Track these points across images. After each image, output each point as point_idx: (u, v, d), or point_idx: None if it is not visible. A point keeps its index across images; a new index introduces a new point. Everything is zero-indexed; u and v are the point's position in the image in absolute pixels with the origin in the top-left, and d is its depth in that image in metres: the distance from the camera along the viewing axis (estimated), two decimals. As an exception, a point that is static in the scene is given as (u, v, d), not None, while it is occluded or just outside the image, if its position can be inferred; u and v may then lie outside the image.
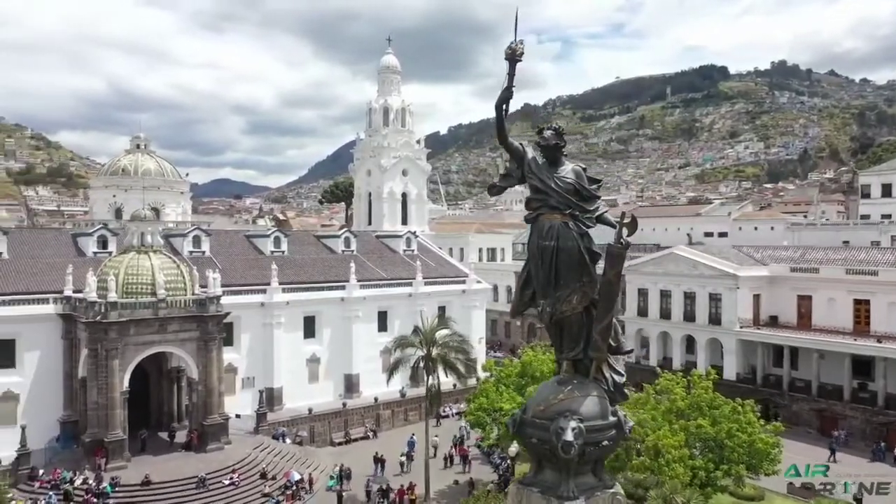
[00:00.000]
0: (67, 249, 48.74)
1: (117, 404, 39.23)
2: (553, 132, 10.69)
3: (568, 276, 10.58)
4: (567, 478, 9.99)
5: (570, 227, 10.54)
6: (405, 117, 74.47)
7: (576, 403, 10.51)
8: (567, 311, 10.73)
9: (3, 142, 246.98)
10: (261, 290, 50.78)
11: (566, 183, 10.59)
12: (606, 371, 10.97)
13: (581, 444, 9.89)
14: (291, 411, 50.63)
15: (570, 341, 11.06)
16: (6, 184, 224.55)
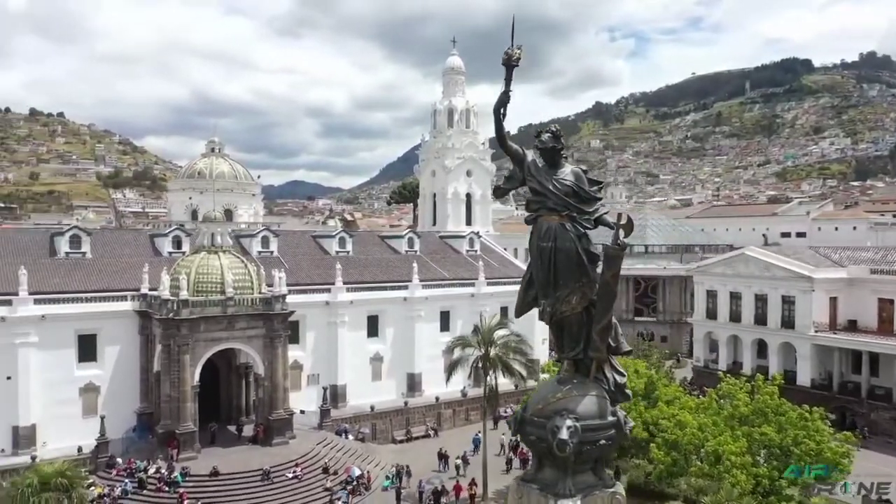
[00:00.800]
0: (145, 249, 51.18)
1: (188, 398, 40.98)
2: (550, 135, 10.82)
3: (566, 277, 10.64)
4: (565, 476, 10.08)
5: (567, 228, 10.60)
6: (469, 118, 74.73)
7: (573, 402, 10.57)
8: (566, 312, 10.81)
9: (94, 147, 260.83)
10: (325, 290, 51.98)
11: (564, 185, 10.67)
12: (608, 371, 11.03)
13: (577, 442, 9.94)
14: (354, 408, 51.65)
15: (570, 341, 11.14)
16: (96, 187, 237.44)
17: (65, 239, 47.61)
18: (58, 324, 42.06)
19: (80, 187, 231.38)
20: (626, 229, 9.94)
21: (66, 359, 42.55)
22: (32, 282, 41.89)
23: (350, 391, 52.57)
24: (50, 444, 40.99)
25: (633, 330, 74.69)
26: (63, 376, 42.25)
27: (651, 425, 35.18)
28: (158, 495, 37.29)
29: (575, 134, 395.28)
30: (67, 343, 42.65)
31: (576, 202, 10.68)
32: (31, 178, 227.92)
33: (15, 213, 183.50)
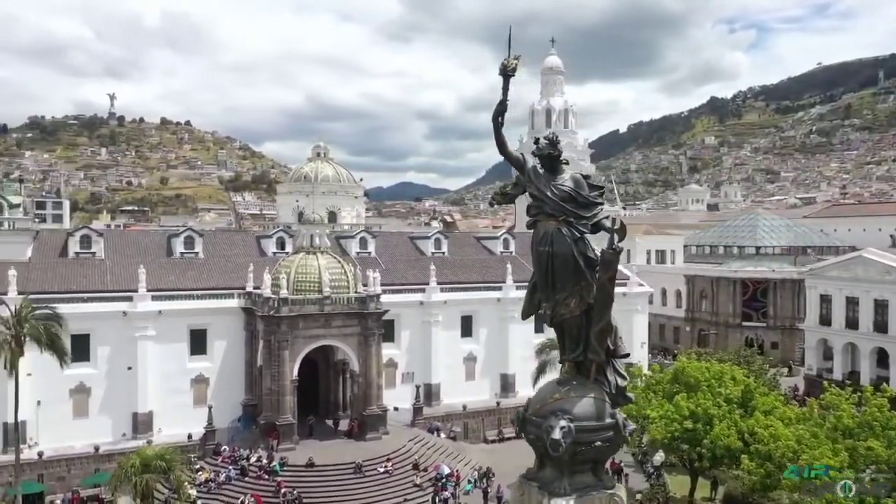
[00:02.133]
0: (252, 250, 54.14)
1: (287, 391, 43.05)
2: (547, 142, 10.83)
3: (564, 280, 10.76)
4: (562, 475, 10.13)
5: (563, 232, 10.69)
6: (568, 118, 74.07)
7: (569, 404, 10.65)
8: (565, 314, 10.96)
9: (217, 153, 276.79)
10: (420, 290, 53.06)
11: (562, 191, 10.79)
12: (611, 374, 11.15)
13: (570, 443, 10.01)
14: (447, 407, 52.42)
15: (570, 343, 11.27)
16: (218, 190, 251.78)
17: (180, 240, 51.17)
18: (172, 319, 45.30)
19: (204, 191, 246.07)
20: (620, 234, 9.94)
21: (179, 352, 45.75)
22: (151, 280, 45.29)
23: (443, 390, 53.39)
24: (164, 431, 44.25)
25: (740, 335, 71.51)
26: (176, 368, 45.45)
27: (747, 435, 33.72)
28: (258, 483, 39.42)
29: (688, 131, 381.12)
30: (181, 337, 45.83)
31: (573, 207, 10.77)
32: (161, 183, 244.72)
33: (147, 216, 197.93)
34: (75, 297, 42.96)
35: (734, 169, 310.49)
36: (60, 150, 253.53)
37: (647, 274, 76.46)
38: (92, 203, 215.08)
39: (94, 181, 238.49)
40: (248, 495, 37.94)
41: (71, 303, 42.03)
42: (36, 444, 41.20)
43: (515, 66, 11.05)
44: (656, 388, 38.65)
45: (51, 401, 41.88)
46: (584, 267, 10.76)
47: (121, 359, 44.09)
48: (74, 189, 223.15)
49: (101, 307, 43.52)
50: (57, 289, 43.31)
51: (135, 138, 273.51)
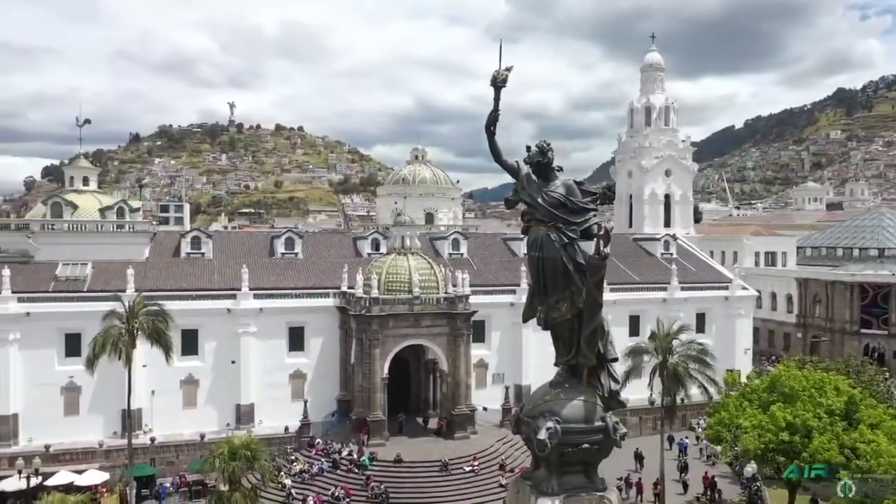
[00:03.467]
0: (348, 251, 56.06)
1: (378, 388, 44.34)
2: (537, 150, 10.97)
3: (554, 285, 11.01)
4: (551, 475, 10.23)
5: (552, 238, 10.87)
6: (669, 115, 71.87)
7: (558, 405, 10.85)
8: (557, 318, 11.19)
9: (327, 156, 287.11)
10: (511, 291, 53.14)
11: (552, 197, 10.94)
12: (605, 378, 11.34)
13: (556, 443, 10.22)
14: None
15: (563, 347, 11.53)
16: (328, 193, 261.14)
17: (281, 241, 53.74)
18: (272, 316, 47.67)
19: (315, 193, 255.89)
20: (604, 240, 9.98)
21: (278, 348, 48.07)
22: (253, 279, 47.85)
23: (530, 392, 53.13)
24: (264, 423, 46.66)
25: (857, 343, 66.93)
26: (276, 363, 47.79)
27: (848, 449, 31.72)
28: (348, 476, 40.86)
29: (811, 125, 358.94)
30: (280, 334, 48.13)
31: (563, 213, 10.92)
32: (275, 186, 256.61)
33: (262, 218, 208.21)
34: (185, 295, 46.04)
35: (863, 165, 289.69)
36: (185, 157, 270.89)
37: (755, 277, 73.19)
38: (213, 206, 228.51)
39: (215, 185, 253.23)
40: (339, 487, 39.43)
41: (181, 300, 45.08)
42: (150, 431, 44.52)
43: (506, 77, 11.41)
44: (751, 397, 37.00)
45: (163, 391, 45.09)
46: (574, 272, 10.92)
47: (225, 353, 46.85)
48: (197, 193, 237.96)
49: (207, 304, 46.43)
50: (169, 287, 46.58)
51: (252, 144, 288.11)
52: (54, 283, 45.28)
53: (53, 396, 43.30)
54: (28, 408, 42.85)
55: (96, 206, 50.74)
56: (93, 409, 43.82)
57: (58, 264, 46.53)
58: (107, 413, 43.64)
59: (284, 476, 40.95)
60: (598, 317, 11.39)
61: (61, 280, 45.64)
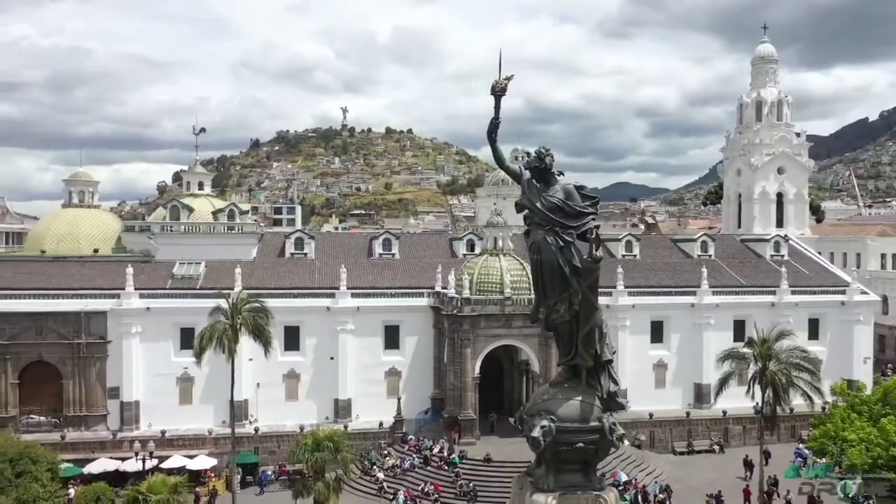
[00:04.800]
0: (444, 251, 56.98)
1: (469, 388, 44.89)
2: (535, 156, 11.50)
3: (552, 287, 11.27)
4: (548, 472, 10.89)
5: (549, 241, 11.14)
6: (782, 110, 68.19)
7: (554, 405, 11.15)
8: (556, 320, 11.45)
9: (436, 158, 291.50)
10: (607, 293, 52.16)
11: (550, 202, 11.17)
12: (604, 379, 11.52)
13: (550, 441, 10.56)
14: (633, 414, 50.84)
15: (563, 348, 11.81)
16: (436, 194, 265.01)
17: (379, 242, 55.42)
18: (369, 315, 49.24)
19: (424, 194, 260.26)
20: (596, 244, 10.05)
21: (374, 345, 49.61)
22: (351, 278, 49.64)
23: (630, 396, 51.72)
24: (361, 417, 48.29)
25: None
26: (372, 360, 49.33)
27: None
28: (438, 472, 41.66)
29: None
30: (376, 332, 49.64)
31: (560, 217, 11.14)
32: (385, 188, 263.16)
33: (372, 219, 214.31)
34: (287, 293, 48.42)
35: None
36: (301, 161, 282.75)
37: (881, 281, 68.37)
38: (326, 208, 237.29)
39: (328, 188, 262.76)
40: (429, 483, 40.31)
41: (284, 298, 47.49)
42: (256, 421, 47.14)
43: (505, 86, 11.59)
44: (861, 409, 34.72)
45: (267, 384, 47.65)
46: (570, 274, 11.14)
47: (325, 349, 48.85)
48: (312, 195, 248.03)
49: (308, 302, 48.58)
50: (273, 285, 49.11)
51: (363, 147, 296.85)
52: (171, 281, 48.84)
53: (170, 386, 46.72)
54: (148, 396, 46.45)
55: (209, 209, 54.25)
56: (204, 398, 46.83)
57: (175, 263, 50.13)
58: (216, 403, 46.48)
59: (377, 470, 42.30)
60: (593, 319, 11.58)
61: (178, 278, 49.14)
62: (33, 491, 31.42)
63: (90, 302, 45.96)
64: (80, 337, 45.69)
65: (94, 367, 46.08)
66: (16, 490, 31.06)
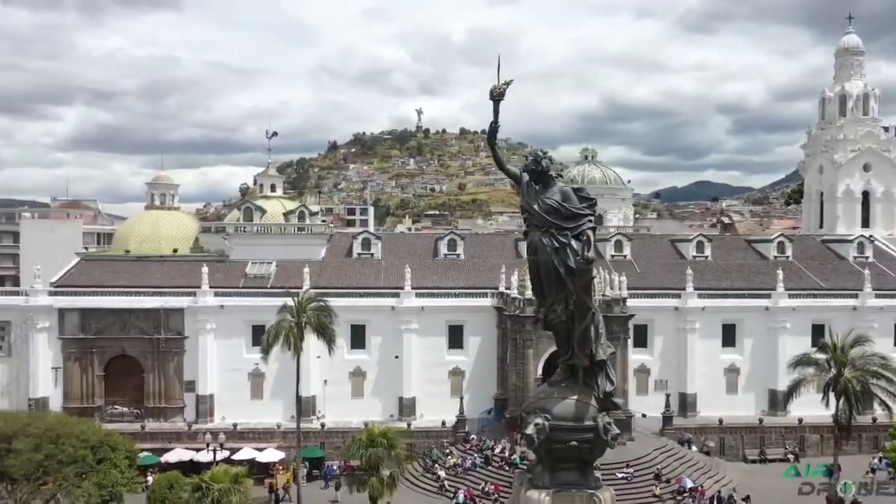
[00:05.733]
0: (509, 251, 56.88)
1: (531, 388, 44.40)
2: (532, 160, 11.89)
3: (549, 287, 11.48)
4: (544, 470, 11.19)
5: (545, 242, 11.33)
6: (868, 104, 64.85)
7: (550, 403, 11.44)
8: (553, 319, 11.68)
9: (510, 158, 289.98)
10: (676, 295, 51.12)
11: (547, 204, 11.41)
12: (601, 379, 11.76)
13: (544, 439, 10.85)
14: (703, 419, 49.75)
15: (561, 347, 12.06)
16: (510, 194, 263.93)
17: (444, 242, 55.92)
18: (433, 315, 49.78)
19: (497, 195, 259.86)
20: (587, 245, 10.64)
21: (438, 345, 50.13)
22: (416, 278, 50.29)
23: (700, 401, 50.73)
24: (425, 416, 48.87)
25: None
26: (436, 359, 49.85)
27: None
28: (499, 472, 41.70)
29: None
30: (440, 331, 50.15)
31: (556, 219, 11.34)
32: (459, 189, 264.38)
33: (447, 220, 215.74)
34: (354, 292, 49.52)
35: None
36: (377, 162, 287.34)
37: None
38: (401, 209, 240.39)
39: (403, 189, 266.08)
40: (489, 483, 40.43)
41: (350, 297, 48.63)
42: (323, 417, 48.42)
43: (504, 90, 11.83)
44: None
45: (334, 381, 48.89)
46: (565, 275, 11.25)
47: (389, 348, 49.70)
48: (387, 196, 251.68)
49: (373, 302, 49.55)
50: (341, 285, 50.30)
51: (437, 148, 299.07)
52: (244, 280, 50.76)
53: (242, 381, 48.57)
54: (221, 390, 48.45)
55: (281, 211, 56.05)
56: (274, 394, 48.40)
57: (248, 263, 52.08)
58: (286, 398, 47.81)
59: (439, 468, 42.73)
60: (587, 319, 11.82)
61: (250, 277, 51.04)
62: (112, 477, 33.37)
63: (169, 299, 48.30)
64: (159, 333, 48.11)
65: (173, 362, 48.40)
66: (96, 475, 33.02)
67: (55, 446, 32.13)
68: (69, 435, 33.20)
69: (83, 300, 47.87)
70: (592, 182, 76.10)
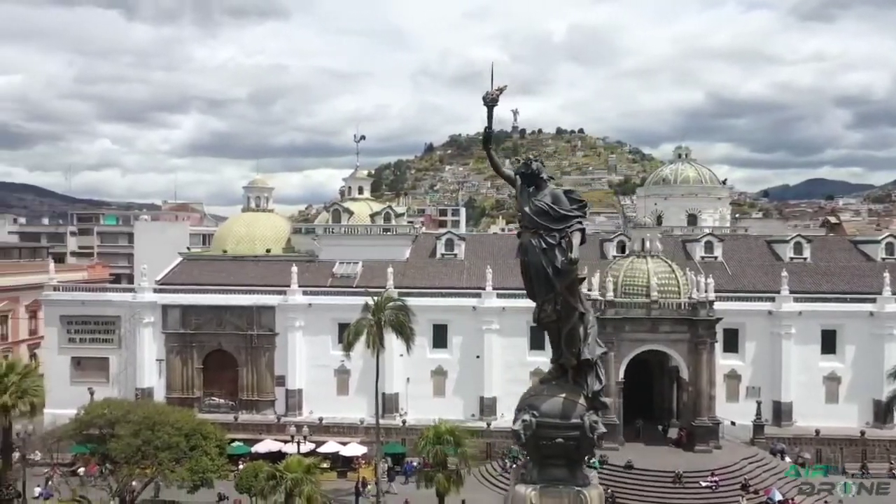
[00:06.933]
0: (593, 252, 55.60)
1: (612, 392, 43.76)
2: (523, 163, 12.07)
3: (539, 288, 11.81)
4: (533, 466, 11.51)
5: (534, 243, 11.60)
6: None
7: (539, 400, 11.79)
8: (544, 319, 12.01)
9: (607, 158, 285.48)
10: (769, 298, 48.90)
11: (537, 206, 11.63)
12: (590, 378, 11.89)
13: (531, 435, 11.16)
14: (799, 429, 47.40)
15: (553, 346, 12.34)
16: (608, 194, 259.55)
17: (527, 243, 55.66)
18: (514, 315, 49.53)
19: (594, 195, 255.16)
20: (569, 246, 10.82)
21: (519, 345, 50.06)
22: (498, 279, 50.39)
23: (796, 410, 48.31)
24: (506, 416, 48.78)
25: None
26: (517, 360, 49.80)
27: None
28: (577, 476, 41.18)
29: None
30: (521, 332, 50.00)
31: (545, 221, 11.54)
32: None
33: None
34: (436, 292, 50.25)
35: None
36: (472, 164, 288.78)
37: None
38: (496, 209, 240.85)
39: (498, 190, 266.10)
40: (566, 486, 40.00)
41: (433, 297, 49.40)
42: (405, 414, 49.40)
43: (497, 97, 12.09)
44: None
45: (417, 379, 49.76)
46: (553, 276, 11.43)
47: (470, 348, 50.13)
48: (483, 197, 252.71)
49: (455, 302, 50.09)
50: (424, 285, 51.17)
51: (533, 148, 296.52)
52: (331, 279, 52.57)
53: (328, 377, 50.31)
54: (309, 385, 50.39)
55: (368, 212, 57.61)
56: (359, 390, 49.74)
57: (335, 262, 53.88)
58: (370, 395, 48.81)
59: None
60: (573, 319, 11.90)
61: (337, 276, 52.81)
62: (203, 463, 35.39)
63: (261, 297, 50.66)
64: (252, 329, 50.58)
65: (264, 357, 50.77)
66: (189, 461, 35.15)
67: (152, 433, 34.44)
68: (165, 423, 35.46)
69: (184, 297, 51.00)
70: (686, 181, 74.03)
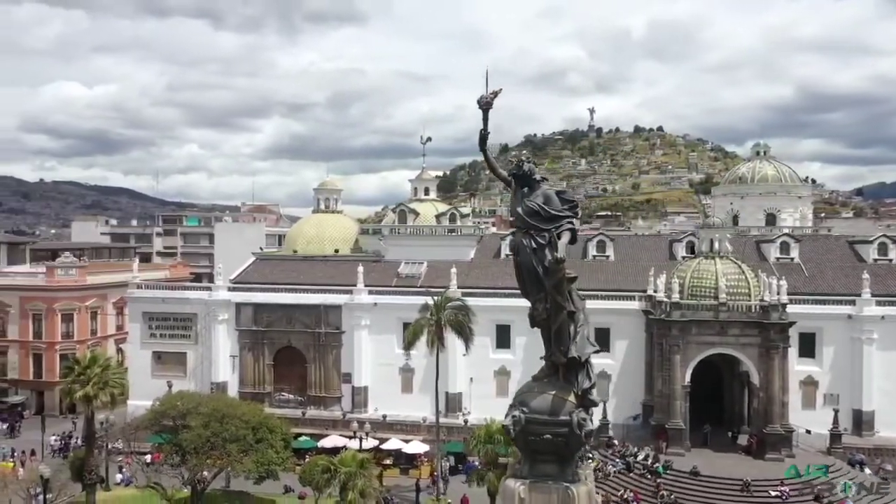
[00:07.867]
0: (662, 254, 54.88)
1: (678, 396, 42.96)
2: (515, 164, 12.21)
3: (531, 287, 12.04)
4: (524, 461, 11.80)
5: (525, 243, 11.84)
6: None
7: (529, 397, 12.07)
8: (536, 317, 12.21)
9: (688, 156, 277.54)
10: (850, 301, 46.60)
11: (528, 206, 11.82)
12: (581, 376, 12.15)
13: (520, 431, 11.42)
14: (882, 440, 45.05)
15: (545, 344, 12.59)
16: (688, 194, 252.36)
17: (593, 244, 55.07)
18: (578, 316, 49.17)
19: (674, 195, 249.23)
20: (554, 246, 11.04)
21: (585, 347, 49.34)
22: (562, 280, 49.97)
23: (879, 419, 45.87)
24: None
25: None
26: (582, 362, 49.12)
27: None
28: (640, 480, 40.52)
29: None
30: (585, 334, 49.37)
31: (536, 221, 11.74)
32: (632, 189, 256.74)
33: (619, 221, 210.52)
34: (498, 293, 50.18)
35: None
36: (547, 163, 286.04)
37: None
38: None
39: (573, 189, 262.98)
40: (628, 490, 39.39)
41: (495, 297, 49.38)
42: (468, 413, 49.64)
43: (491, 100, 12.26)
44: None
45: (480, 379, 49.93)
46: (543, 275, 11.64)
47: (533, 349, 48.47)
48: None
49: (517, 302, 49.03)
50: (487, 285, 51.27)
51: (610, 147, 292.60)
52: (396, 279, 53.41)
53: (393, 375, 51.12)
54: (375, 382, 51.34)
55: (433, 213, 58.20)
56: (423, 389, 50.30)
57: (401, 263, 54.72)
58: (433, 393, 49.70)
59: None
60: (561, 317, 12.06)
61: (402, 276, 53.61)
62: (268, 456, 36.73)
63: (328, 296, 51.99)
64: (320, 327, 51.99)
65: (332, 354, 52.08)
66: (256, 453, 36.53)
67: (220, 425, 35.98)
68: (233, 416, 37.00)
69: (256, 296, 52.92)
70: (764, 179, 71.36)
